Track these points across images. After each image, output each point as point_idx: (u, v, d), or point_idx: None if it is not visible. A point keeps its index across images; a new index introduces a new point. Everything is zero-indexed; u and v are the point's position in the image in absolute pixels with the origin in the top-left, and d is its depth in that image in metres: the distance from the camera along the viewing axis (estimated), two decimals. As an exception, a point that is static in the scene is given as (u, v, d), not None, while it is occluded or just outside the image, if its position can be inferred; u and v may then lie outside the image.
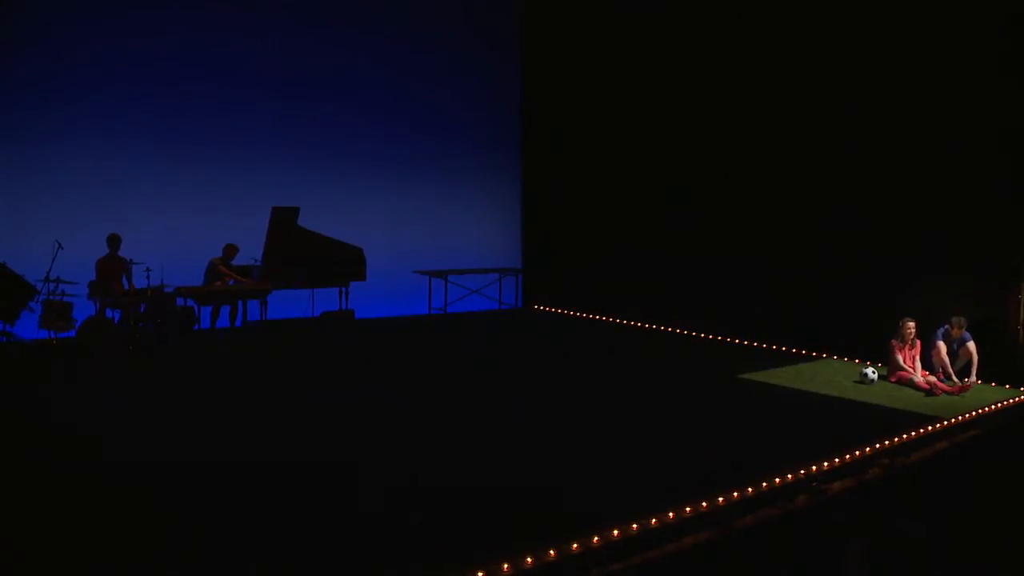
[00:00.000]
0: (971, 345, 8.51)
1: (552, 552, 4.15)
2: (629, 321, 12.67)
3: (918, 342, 8.61)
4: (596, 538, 4.33)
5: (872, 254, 9.82)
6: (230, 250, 10.46)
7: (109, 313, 9.58)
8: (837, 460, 5.81)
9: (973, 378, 8.42)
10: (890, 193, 9.67)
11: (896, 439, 6.38)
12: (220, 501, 4.86)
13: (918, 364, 8.58)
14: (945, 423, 6.94)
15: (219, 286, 10.30)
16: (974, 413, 7.32)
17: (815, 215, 10.40)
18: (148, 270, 9.52)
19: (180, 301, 10.07)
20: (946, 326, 8.59)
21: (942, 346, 8.52)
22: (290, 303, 11.46)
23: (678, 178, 12.11)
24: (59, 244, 9.12)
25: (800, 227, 10.57)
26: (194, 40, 11.29)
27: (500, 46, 14.71)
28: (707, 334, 11.43)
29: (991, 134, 8.85)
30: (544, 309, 14.25)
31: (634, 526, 4.50)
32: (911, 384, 8.31)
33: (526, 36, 14.76)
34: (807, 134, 10.50)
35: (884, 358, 8.87)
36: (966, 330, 8.57)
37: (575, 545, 4.24)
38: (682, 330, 11.79)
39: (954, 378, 8.46)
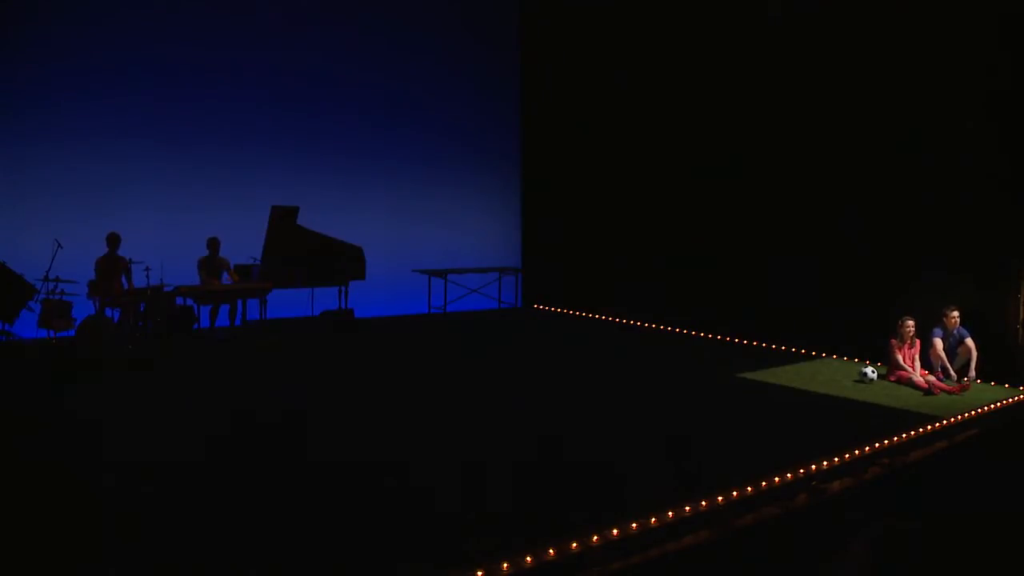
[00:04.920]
0: (970, 342, 8.53)
1: (552, 552, 4.15)
2: (628, 320, 12.67)
3: (917, 341, 8.62)
4: (596, 537, 4.33)
5: (872, 253, 9.82)
6: (213, 244, 10.43)
7: (108, 312, 9.58)
8: (837, 459, 5.81)
9: (972, 373, 8.42)
10: (890, 192, 9.67)
11: (895, 438, 6.38)
12: (220, 501, 4.86)
13: (917, 363, 8.59)
14: (944, 422, 6.95)
15: (216, 284, 10.29)
16: (973, 412, 7.32)
17: (815, 214, 10.39)
18: (147, 269, 9.52)
19: (180, 300, 10.07)
20: (942, 321, 8.61)
21: (939, 343, 8.53)
22: (290, 302, 11.47)
23: (678, 177, 12.11)
24: (58, 243, 9.12)
25: (800, 226, 10.57)
26: (195, 39, 11.30)
27: (500, 46, 14.71)
28: (706, 333, 11.43)
29: (992, 134, 8.84)
30: (544, 308, 14.26)
31: (634, 526, 4.50)
32: (910, 383, 8.31)
33: (526, 36, 14.76)
34: (807, 134, 10.50)
35: (883, 357, 8.88)
36: (963, 327, 8.58)
37: (575, 544, 4.24)
38: (682, 329, 11.79)
39: (952, 373, 8.47)
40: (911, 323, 8.55)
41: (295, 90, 12.34)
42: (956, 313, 8.56)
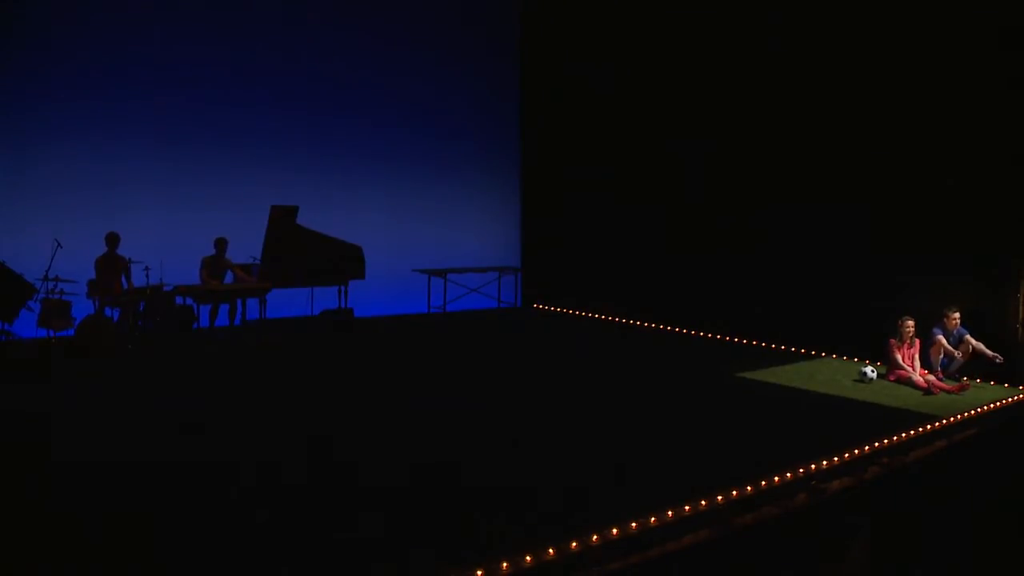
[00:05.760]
0: (969, 338, 8.52)
1: (551, 551, 4.15)
2: (628, 320, 12.67)
3: (917, 341, 8.63)
4: (595, 537, 4.33)
5: (872, 253, 9.82)
6: (220, 244, 10.43)
7: (108, 312, 9.58)
8: (836, 459, 5.81)
9: (989, 353, 8.37)
10: (890, 191, 9.68)
11: (895, 438, 6.38)
12: (219, 500, 4.86)
13: (917, 363, 8.60)
14: (944, 422, 6.95)
15: (215, 285, 10.27)
16: (973, 412, 7.33)
17: (815, 213, 10.39)
18: (147, 269, 9.53)
19: (179, 300, 10.06)
20: (942, 322, 8.61)
21: (942, 339, 8.53)
22: (289, 302, 11.46)
23: (677, 177, 12.11)
24: (58, 243, 9.11)
25: (800, 224, 10.57)
26: (195, 39, 11.29)
27: (500, 44, 14.70)
28: (706, 333, 11.43)
29: (993, 132, 8.85)
30: (543, 308, 14.26)
31: (633, 525, 4.50)
32: (910, 383, 8.32)
33: (526, 34, 14.76)
34: (808, 133, 10.50)
35: (883, 357, 8.88)
36: (962, 325, 8.59)
37: (574, 544, 4.24)
38: (681, 329, 11.79)
39: (957, 354, 8.49)
40: (911, 323, 8.55)
41: (295, 90, 12.32)
42: (957, 314, 8.57)
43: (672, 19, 12.13)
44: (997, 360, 8.29)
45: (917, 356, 8.62)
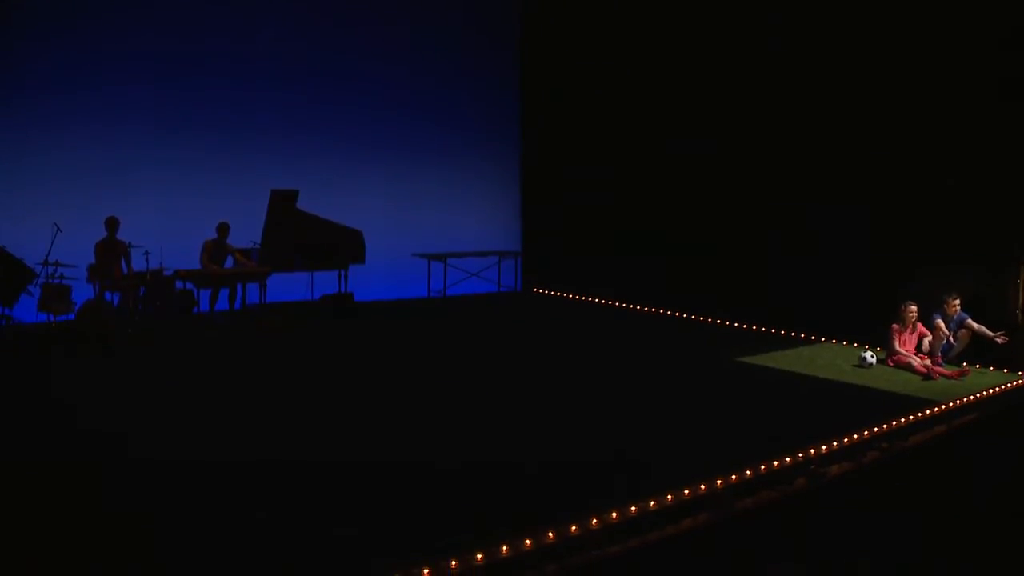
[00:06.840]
0: (970, 322, 8.51)
1: (551, 534, 4.17)
2: (628, 304, 12.67)
3: (919, 326, 8.62)
4: (595, 520, 4.34)
5: (872, 238, 9.80)
6: (223, 228, 10.41)
7: (108, 296, 9.58)
8: (835, 443, 5.82)
9: (991, 334, 8.34)
10: (891, 178, 9.65)
11: (894, 423, 6.39)
12: (218, 497, 4.85)
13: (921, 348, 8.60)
14: (943, 407, 6.96)
15: (215, 270, 10.26)
16: (972, 397, 7.33)
17: (816, 200, 10.37)
18: (147, 253, 9.52)
19: (179, 284, 10.06)
20: (942, 308, 8.61)
21: (941, 324, 8.52)
22: (289, 286, 11.46)
23: (678, 162, 12.07)
24: (58, 227, 9.10)
25: (800, 212, 10.54)
26: (194, 25, 11.21)
27: (500, 29, 14.61)
28: (706, 317, 11.43)
29: (992, 122, 8.81)
30: (543, 292, 14.25)
31: (633, 509, 4.52)
32: (910, 368, 8.32)
33: (526, 21, 14.66)
34: (807, 120, 10.46)
35: (883, 342, 8.88)
36: (962, 310, 8.58)
37: (574, 528, 4.25)
38: (681, 313, 11.79)
39: (951, 339, 8.50)
40: (914, 308, 8.54)
41: (295, 75, 12.25)
42: (957, 301, 8.56)
43: (672, 19, 12.05)
44: (999, 339, 8.28)
45: (917, 341, 8.62)
